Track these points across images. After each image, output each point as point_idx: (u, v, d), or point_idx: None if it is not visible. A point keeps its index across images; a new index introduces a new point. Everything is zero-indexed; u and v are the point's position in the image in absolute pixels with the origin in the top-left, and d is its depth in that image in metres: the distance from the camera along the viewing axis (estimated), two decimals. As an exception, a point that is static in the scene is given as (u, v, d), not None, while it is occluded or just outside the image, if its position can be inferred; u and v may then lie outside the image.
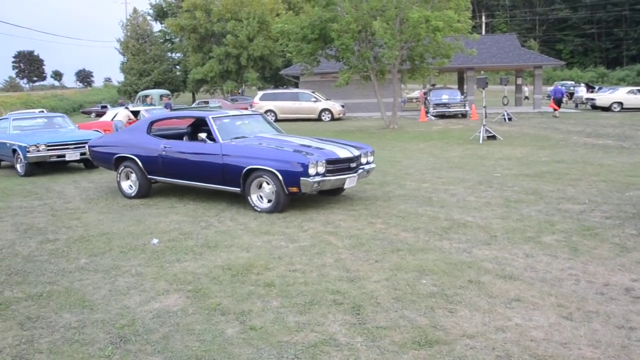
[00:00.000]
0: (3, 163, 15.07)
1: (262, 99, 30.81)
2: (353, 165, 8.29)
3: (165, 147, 9.11)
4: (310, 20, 22.56)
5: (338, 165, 8.05)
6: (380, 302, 4.65)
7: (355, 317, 4.37)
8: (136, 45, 54.69)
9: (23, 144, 12.85)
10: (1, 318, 4.64)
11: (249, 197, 8.14)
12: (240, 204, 8.73)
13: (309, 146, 8.43)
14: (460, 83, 41.01)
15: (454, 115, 29.09)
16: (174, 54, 62.97)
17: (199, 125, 9.99)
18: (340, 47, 22.03)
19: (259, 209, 8.03)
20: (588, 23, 78.55)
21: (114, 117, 19.09)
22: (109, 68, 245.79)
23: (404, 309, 4.49)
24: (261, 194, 8.12)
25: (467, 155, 14.35)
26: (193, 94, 58.60)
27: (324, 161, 7.78)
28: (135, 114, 19.63)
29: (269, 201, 8.01)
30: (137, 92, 38.88)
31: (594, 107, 32.13)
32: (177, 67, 61.20)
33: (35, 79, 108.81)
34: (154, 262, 5.94)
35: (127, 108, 20.54)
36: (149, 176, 9.41)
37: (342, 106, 30.69)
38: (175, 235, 7.00)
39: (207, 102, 33.16)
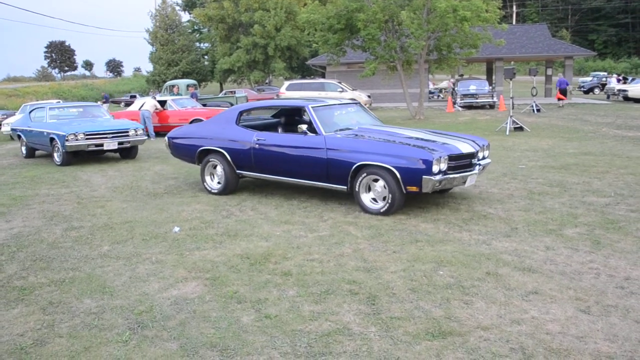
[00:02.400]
0: (38, 152, 15.10)
1: (288, 89, 30.81)
2: (474, 161, 7.47)
3: (258, 139, 8.28)
4: (336, 10, 22.48)
5: (460, 162, 7.20)
6: (396, 292, 4.65)
7: (370, 307, 4.38)
8: (165, 36, 55.24)
9: (61, 133, 12.74)
10: (24, 303, 4.76)
11: (358, 197, 7.39)
12: (262, 193, 8.80)
13: (423, 139, 7.57)
14: (489, 73, 40.55)
15: (481, 106, 28.79)
16: (201, 44, 63.44)
17: (290, 115, 9.68)
18: (366, 37, 21.92)
19: (369, 210, 7.28)
20: (622, 12, 76.81)
21: (141, 106, 19.30)
22: (138, 58, 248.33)
23: (419, 300, 4.48)
24: (372, 193, 7.35)
25: (493, 146, 14.15)
26: (220, 84, 58.99)
27: (446, 157, 6.95)
28: (163, 103, 19.83)
29: (381, 200, 7.22)
30: (165, 82, 39.25)
31: (626, 99, 31.46)
32: (205, 57, 61.65)
33: (66, 68, 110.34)
34: (174, 250, 6.02)
35: (154, 97, 20.75)
36: (237, 171, 8.68)
37: (369, 96, 30.55)
38: (196, 224, 7.07)
39: (233, 92, 33.29)
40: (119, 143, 13.21)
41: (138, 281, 5.15)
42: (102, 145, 13.04)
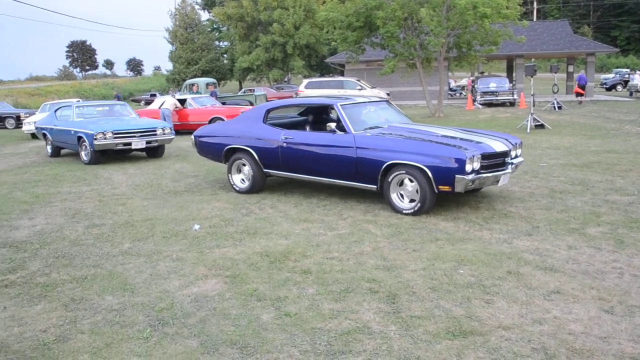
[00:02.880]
0: (63, 151, 15.08)
1: (307, 87, 30.80)
2: (507, 159, 7.32)
3: (286, 138, 8.19)
4: (355, 7, 22.43)
5: (493, 160, 7.05)
6: (416, 291, 4.63)
7: (390, 306, 4.36)
8: (184, 34, 55.57)
9: (90, 132, 12.61)
10: (47, 299, 4.81)
11: (388, 196, 7.24)
12: (282, 191, 8.81)
13: (455, 137, 7.43)
14: (509, 71, 40.20)
15: (501, 104, 28.55)
16: (221, 43, 63.69)
17: (318, 113, 9.56)
18: (385, 34, 21.85)
19: (399, 210, 7.13)
20: (645, 8, 75.61)
21: (162, 105, 19.44)
22: (158, 57, 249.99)
23: (439, 299, 4.45)
24: (402, 193, 7.19)
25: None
26: (240, 82, 59.19)
27: (479, 155, 6.79)
28: (182, 102, 19.95)
29: (412, 201, 7.10)
30: (184, 81, 39.50)
31: (650, 96, 31.03)
32: (224, 55, 61.88)
33: (87, 67, 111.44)
34: (195, 248, 6.05)
35: (173, 96, 20.88)
36: (264, 170, 8.60)
37: (388, 94, 30.43)
38: (216, 222, 7.10)
39: (252, 91, 33.40)
40: (147, 142, 13.14)
41: (159, 278, 5.18)
42: (130, 144, 12.94)
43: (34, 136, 20.92)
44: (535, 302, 4.35)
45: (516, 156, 7.63)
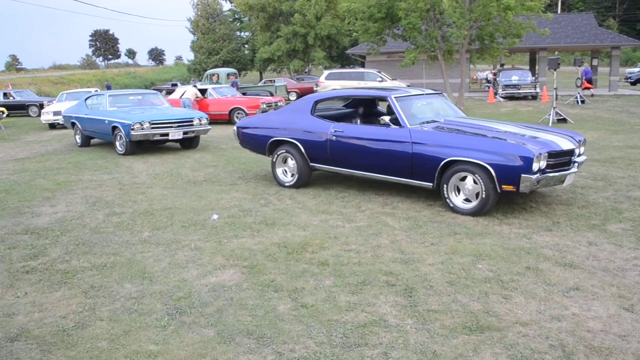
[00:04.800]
0: (94, 140, 14.82)
1: (327, 78, 30.72)
2: (573, 158, 6.89)
3: (336, 131, 7.87)
4: (377, -1, 22.27)
5: (559, 159, 6.63)
6: (434, 285, 4.61)
7: (407, 299, 4.35)
8: (206, 25, 55.71)
9: (127, 122, 12.18)
10: (67, 286, 4.87)
11: (445, 195, 6.88)
12: (300, 182, 8.81)
13: (518, 134, 7.01)
14: (532, 64, 39.73)
15: (523, 97, 28.24)
16: (242, 33, 63.67)
17: (365, 105, 9.34)
18: (407, 26, 21.67)
19: (457, 210, 6.79)
20: (673, 1, 74.17)
21: (182, 94, 19.52)
22: (179, 47, 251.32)
23: (457, 293, 4.43)
24: (460, 191, 6.85)
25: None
26: (260, 73, 59.20)
27: (546, 153, 6.40)
28: (203, 92, 20.02)
29: (466, 200, 6.77)
30: (206, 71, 39.64)
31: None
32: (246, 46, 61.91)
33: (110, 57, 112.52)
34: (213, 238, 6.08)
35: (195, 86, 20.96)
36: (311, 164, 8.32)
37: (408, 86, 30.29)
38: (234, 212, 7.13)
39: (272, 81, 33.42)
40: (184, 133, 12.67)
41: (177, 267, 5.22)
42: (167, 134, 12.51)
43: (52, 126, 21.01)
44: (554, 298, 4.31)
45: (579, 154, 7.19)
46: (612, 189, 7.87)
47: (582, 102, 24.10)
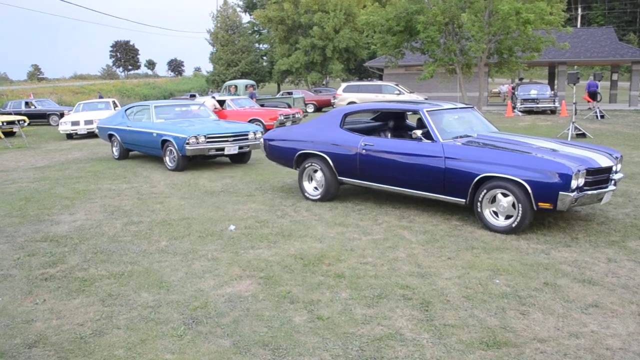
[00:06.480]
0: (132, 153, 14.02)
1: (345, 90, 30.82)
2: (611, 176, 6.68)
3: (365, 144, 7.74)
4: (396, 12, 22.41)
5: (597, 176, 6.42)
6: (450, 299, 4.59)
7: (424, 313, 4.33)
8: (225, 36, 56.30)
9: (181, 135, 11.30)
10: (85, 294, 4.92)
11: (479, 212, 6.69)
12: (317, 194, 8.81)
13: (555, 150, 6.79)
14: (551, 78, 39.53)
15: (542, 111, 28.07)
16: (261, 45, 64.20)
17: (395, 118, 9.18)
18: (425, 39, 21.74)
19: (491, 228, 6.58)
20: (695, 16, 73.57)
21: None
22: (199, 58, 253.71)
23: (473, 308, 4.40)
24: (495, 208, 6.62)
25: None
26: (278, 85, 59.53)
27: (584, 171, 6.21)
28: (222, 103, 20.15)
29: (507, 217, 6.51)
30: (224, 82, 39.95)
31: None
32: (264, 57, 62.37)
33: (130, 67, 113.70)
34: (230, 248, 6.10)
35: (213, 97, 21.10)
36: (339, 177, 8.18)
37: (426, 99, 30.29)
38: (251, 223, 7.16)
39: (290, 93, 33.58)
40: (239, 147, 11.82)
41: (194, 277, 5.24)
42: (222, 149, 11.60)
43: (69, 136, 21.03)
44: (572, 315, 4.26)
45: (617, 171, 6.91)
46: (632, 205, 7.78)
47: (602, 116, 23.90)
